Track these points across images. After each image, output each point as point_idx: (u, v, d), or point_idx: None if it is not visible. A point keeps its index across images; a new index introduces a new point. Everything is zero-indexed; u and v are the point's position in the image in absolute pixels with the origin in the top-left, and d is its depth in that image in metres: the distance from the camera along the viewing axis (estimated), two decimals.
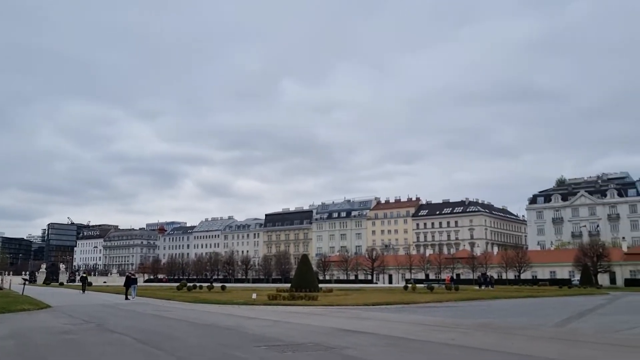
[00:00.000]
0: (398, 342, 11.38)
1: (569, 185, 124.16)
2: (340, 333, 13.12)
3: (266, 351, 9.93)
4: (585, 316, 19.80)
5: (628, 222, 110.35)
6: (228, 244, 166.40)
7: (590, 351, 10.19)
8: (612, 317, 19.82)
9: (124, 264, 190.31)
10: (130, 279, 34.33)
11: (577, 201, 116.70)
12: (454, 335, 12.78)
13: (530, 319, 18.55)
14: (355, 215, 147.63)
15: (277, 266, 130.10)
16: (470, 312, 22.48)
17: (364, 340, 11.59)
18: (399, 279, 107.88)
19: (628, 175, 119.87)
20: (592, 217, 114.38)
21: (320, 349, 10.29)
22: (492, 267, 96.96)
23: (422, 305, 26.69)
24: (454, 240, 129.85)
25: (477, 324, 16.32)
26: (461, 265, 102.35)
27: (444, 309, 24.02)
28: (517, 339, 12.38)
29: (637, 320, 17.77)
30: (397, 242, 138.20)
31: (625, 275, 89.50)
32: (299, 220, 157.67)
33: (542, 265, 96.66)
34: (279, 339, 11.74)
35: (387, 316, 19.54)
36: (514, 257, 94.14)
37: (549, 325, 15.92)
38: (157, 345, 10.90)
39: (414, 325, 15.93)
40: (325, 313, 20.84)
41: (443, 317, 19.46)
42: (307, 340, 11.61)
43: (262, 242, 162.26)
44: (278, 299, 28.84)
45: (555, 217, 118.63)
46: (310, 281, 37.37)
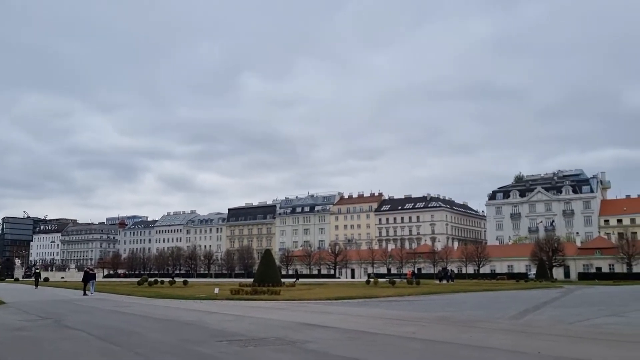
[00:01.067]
0: (359, 336, 11.52)
1: (527, 182, 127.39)
2: (302, 327, 13.19)
3: (228, 346, 9.91)
4: (540, 309, 20.41)
5: (582, 218, 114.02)
6: (190, 238, 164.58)
7: (543, 342, 10.53)
8: (565, 309, 20.49)
9: (82, 258, 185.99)
10: (89, 274, 33.61)
11: (534, 197, 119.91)
12: (414, 328, 13.01)
13: (488, 312, 19.02)
14: (318, 210, 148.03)
15: (240, 261, 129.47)
16: (431, 305, 22.88)
17: (326, 334, 11.69)
18: (361, 274, 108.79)
19: (582, 173, 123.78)
20: (548, 212, 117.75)
21: (282, 343, 10.33)
22: (452, 261, 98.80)
23: (384, 300, 27.01)
24: (415, 235, 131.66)
25: (437, 317, 16.64)
26: (422, 260, 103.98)
27: (405, 303, 24.37)
28: (475, 331, 12.68)
29: (589, 313, 18.43)
30: (359, 237, 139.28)
31: (578, 269, 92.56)
32: (262, 214, 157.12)
33: (500, 260, 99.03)
34: (240, 334, 11.73)
35: (349, 310, 19.72)
36: (473, 252, 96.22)
37: (505, 318, 16.35)
38: (116, 342, 10.74)
39: (375, 319, 16.14)
40: (287, 307, 20.88)
41: (404, 311, 19.75)
42: (269, 334, 11.63)
43: (225, 236, 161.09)
44: (241, 293, 28.77)
45: (513, 213, 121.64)
46: (273, 276, 37.34)
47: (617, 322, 15.17)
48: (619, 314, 17.94)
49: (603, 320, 15.49)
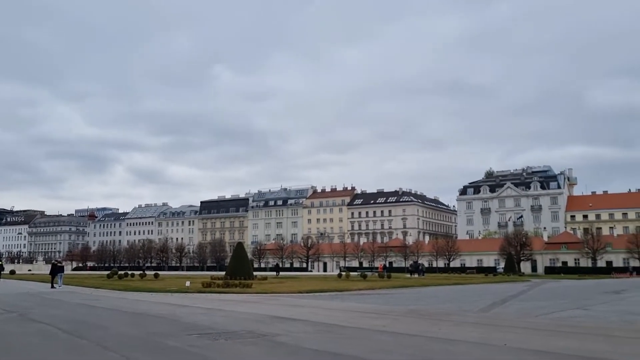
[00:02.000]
0: (330, 329, 11.59)
1: (497, 178, 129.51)
2: (273, 320, 13.21)
3: (198, 339, 9.87)
4: (508, 302, 20.81)
5: (549, 213, 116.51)
6: (162, 230, 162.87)
7: (510, 335, 10.76)
8: (531, 302, 20.94)
9: (50, 251, 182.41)
10: (57, 267, 33.01)
11: (503, 193, 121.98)
12: (385, 321, 13.14)
13: (458, 305, 19.31)
14: (291, 203, 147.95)
15: (212, 254, 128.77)
16: (402, 299, 23.12)
17: (297, 327, 11.73)
18: (333, 267, 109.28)
19: (550, 169, 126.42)
20: (517, 208, 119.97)
21: (253, 336, 10.34)
22: (423, 255, 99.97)
23: (355, 293, 27.19)
24: (387, 229, 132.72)
25: (408, 310, 16.83)
26: (394, 254, 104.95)
27: (376, 297, 24.58)
28: (444, 324, 12.87)
29: (554, 306, 18.87)
30: (332, 230, 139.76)
31: (545, 263, 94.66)
32: (235, 207, 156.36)
33: (470, 254, 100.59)
34: (211, 327, 11.68)
35: (321, 303, 19.80)
36: (444, 246, 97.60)
37: (474, 311, 16.63)
38: (83, 335, 10.58)
39: (346, 312, 16.25)
40: (259, 300, 20.87)
41: (375, 304, 19.92)
42: (240, 327, 11.62)
43: (197, 229, 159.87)
44: (212, 286, 28.65)
45: (483, 208, 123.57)
46: (245, 269, 37.26)
47: (582, 315, 15.57)
48: (583, 307, 18.40)
49: (568, 314, 15.88)
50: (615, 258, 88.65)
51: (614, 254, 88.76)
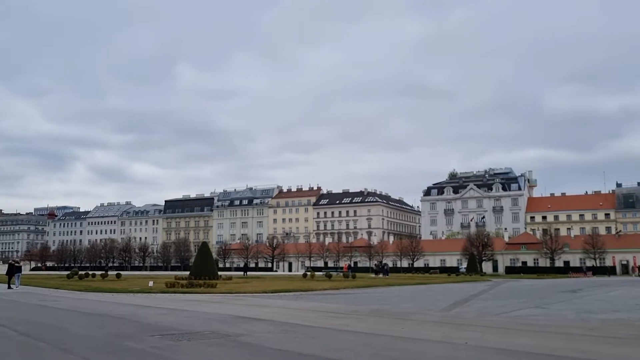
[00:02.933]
0: (294, 329, 11.60)
1: (460, 179, 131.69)
2: (237, 320, 13.15)
3: (160, 340, 9.75)
4: (469, 301, 21.20)
5: (510, 214, 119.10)
6: (125, 230, 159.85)
7: (471, 333, 10.97)
8: (492, 302, 21.38)
9: (8, 250, 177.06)
10: (14, 267, 32.08)
11: (466, 194, 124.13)
12: (348, 321, 13.23)
13: (421, 305, 19.58)
14: (257, 203, 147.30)
15: (176, 253, 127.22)
16: (366, 299, 23.30)
17: (261, 328, 11.71)
18: (298, 267, 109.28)
19: (511, 171, 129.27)
20: (480, 209, 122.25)
21: (217, 336, 10.27)
22: (387, 255, 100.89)
23: (320, 293, 27.28)
24: (352, 229, 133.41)
25: (372, 310, 16.97)
26: (359, 254, 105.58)
27: (341, 296, 24.71)
28: (408, 323, 13.04)
29: (514, 305, 19.32)
30: (297, 230, 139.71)
31: (506, 263, 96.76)
32: (200, 207, 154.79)
33: (433, 254, 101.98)
34: (174, 328, 11.56)
35: (285, 303, 19.80)
36: (408, 246, 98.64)
37: (436, 311, 16.89)
38: (41, 337, 10.32)
39: (310, 312, 16.29)
40: (223, 301, 20.74)
41: (339, 304, 20.02)
42: (204, 328, 11.53)
43: (161, 228, 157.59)
44: (176, 286, 28.35)
45: (447, 209, 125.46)
46: (210, 269, 36.97)
47: (540, 313, 15.98)
48: (541, 306, 18.89)
49: (527, 312, 16.28)
50: (573, 258, 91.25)
51: (571, 254, 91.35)
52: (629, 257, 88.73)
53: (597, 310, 16.92)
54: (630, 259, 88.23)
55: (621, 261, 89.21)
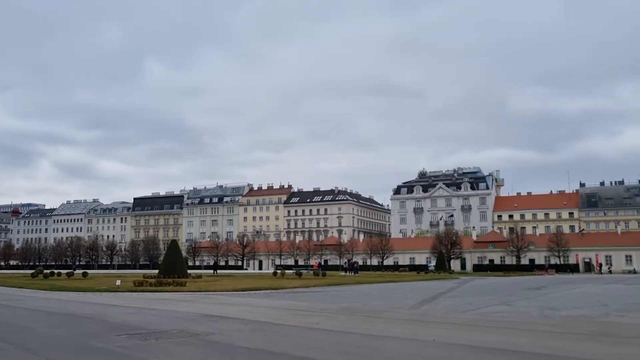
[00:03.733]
0: (263, 327, 11.58)
1: (429, 178, 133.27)
2: (206, 319, 13.05)
3: (127, 339, 9.61)
4: (437, 299, 21.47)
5: (478, 213, 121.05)
6: (92, 228, 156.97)
7: (439, 330, 11.13)
8: (460, 299, 21.69)
9: None
10: None
11: (435, 193, 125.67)
12: (318, 319, 13.26)
13: (390, 303, 19.74)
14: (227, 201, 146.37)
15: (145, 252, 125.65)
16: (336, 297, 23.38)
17: (230, 326, 11.65)
18: (269, 265, 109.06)
19: (480, 170, 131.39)
20: (448, 207, 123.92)
21: (185, 335, 10.18)
22: (358, 253, 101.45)
23: (290, 291, 27.26)
24: (323, 227, 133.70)
25: (341, 308, 17.04)
26: (329, 252, 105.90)
27: (311, 294, 24.74)
28: (377, 321, 13.13)
29: (481, 302, 19.64)
30: (268, 228, 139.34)
31: (474, 261, 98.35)
32: (170, 204, 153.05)
33: (403, 252, 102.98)
34: (142, 327, 11.40)
35: (255, 301, 19.74)
36: (378, 244, 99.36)
37: (405, 308, 17.05)
38: (3, 337, 10.06)
39: (280, 310, 16.27)
40: (192, 299, 20.56)
41: (309, 302, 20.05)
42: (172, 327, 11.41)
43: (129, 226, 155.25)
44: (144, 285, 27.97)
45: (416, 207, 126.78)
46: (179, 267, 36.60)
47: (506, 310, 16.28)
48: (507, 303, 19.25)
49: (493, 309, 16.56)
50: (538, 256, 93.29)
51: (537, 252, 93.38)
52: (592, 255, 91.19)
53: (561, 307, 17.32)
54: (592, 257, 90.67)
55: (584, 259, 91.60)
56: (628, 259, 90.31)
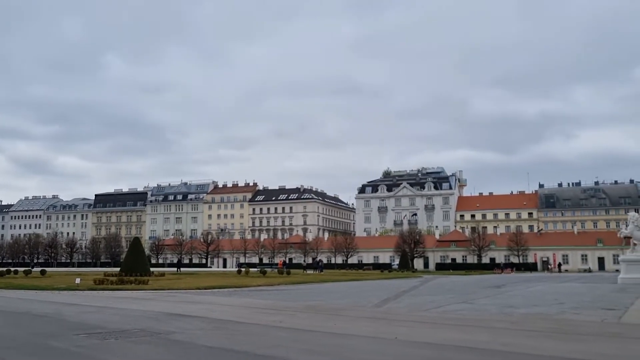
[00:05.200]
0: (226, 325, 11.51)
1: (394, 177, 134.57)
2: (168, 317, 12.89)
3: (86, 339, 9.42)
4: (400, 297, 21.72)
5: (441, 213, 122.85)
6: (52, 225, 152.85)
7: (401, 328, 11.27)
8: (422, 297, 22.00)
9: None
10: None
11: (400, 192, 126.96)
12: (281, 317, 13.26)
13: (354, 301, 19.88)
14: (192, 198, 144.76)
15: (106, 249, 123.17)
16: (300, 295, 23.41)
17: (192, 325, 11.54)
18: (233, 263, 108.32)
19: (443, 170, 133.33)
20: (412, 207, 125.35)
21: (146, 334, 10.03)
22: (322, 252, 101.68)
23: (254, 289, 27.18)
24: (288, 225, 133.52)
25: (305, 306, 17.08)
26: (294, 250, 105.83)
27: (275, 292, 24.72)
28: (340, 319, 13.22)
29: (442, 300, 19.98)
30: (233, 226, 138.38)
31: (436, 260, 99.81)
32: (133, 201, 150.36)
33: (367, 251, 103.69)
34: (101, 326, 11.19)
35: (218, 300, 19.61)
36: (342, 243, 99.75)
37: (369, 306, 17.20)
38: None
39: (243, 308, 16.20)
40: (155, 297, 20.29)
41: (273, 300, 20.03)
42: (133, 326, 11.23)
43: (90, 223, 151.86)
44: (105, 283, 27.49)
45: (380, 206, 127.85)
46: (142, 265, 36.08)
47: (466, 308, 16.60)
48: (467, 301, 19.62)
49: (454, 307, 16.86)
50: (498, 255, 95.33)
51: (497, 252, 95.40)
52: (549, 254, 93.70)
53: (519, 305, 17.74)
54: (550, 256, 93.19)
55: (542, 258, 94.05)
56: (584, 258, 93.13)
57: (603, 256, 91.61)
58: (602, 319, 13.17)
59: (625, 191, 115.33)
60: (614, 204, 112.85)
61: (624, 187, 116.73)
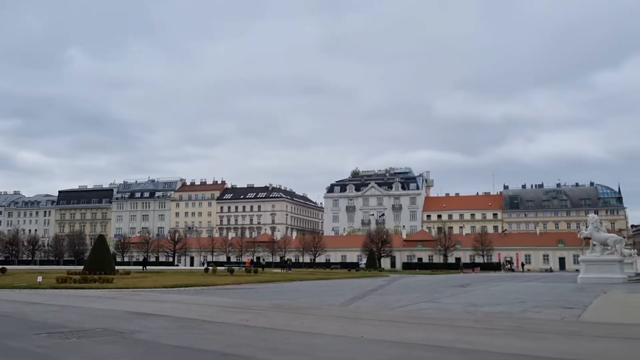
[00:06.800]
0: (192, 324, 11.42)
1: (362, 177, 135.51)
2: (133, 317, 12.71)
3: (47, 339, 9.21)
4: (367, 296, 21.88)
5: (408, 212, 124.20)
6: (13, 221, 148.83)
7: (367, 327, 11.36)
8: (389, 296, 22.21)
9: None
10: None
11: (368, 192, 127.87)
12: (248, 316, 13.21)
13: (321, 300, 19.95)
14: (159, 196, 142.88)
15: (70, 247, 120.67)
16: (267, 293, 23.37)
17: (158, 324, 11.40)
18: (200, 262, 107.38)
19: (410, 171, 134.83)
20: (380, 206, 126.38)
21: (110, 334, 9.87)
22: (290, 251, 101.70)
23: (221, 288, 27.02)
24: (256, 224, 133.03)
25: (272, 305, 17.06)
26: (262, 249, 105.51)
27: (242, 291, 24.62)
28: (307, 318, 13.25)
29: (408, 299, 20.20)
30: (200, 224, 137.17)
31: (403, 259, 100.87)
32: (98, 198, 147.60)
33: (335, 250, 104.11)
34: (63, 325, 10.96)
35: (185, 298, 19.43)
36: (310, 242, 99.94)
37: (336, 305, 17.27)
38: None
39: (210, 307, 16.09)
40: (119, 296, 19.97)
41: (240, 298, 19.94)
42: (96, 325, 11.03)
43: (53, 220, 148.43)
44: (68, 282, 26.91)
45: (349, 206, 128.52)
46: (106, 263, 35.45)
47: (432, 307, 16.83)
48: (433, 300, 19.89)
49: (420, 306, 17.08)
50: (464, 255, 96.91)
51: (462, 251, 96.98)
52: (513, 254, 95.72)
53: (483, 303, 18.07)
54: (513, 256, 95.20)
55: (506, 258, 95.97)
56: (545, 258, 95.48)
57: (564, 256, 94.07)
58: (561, 317, 13.52)
59: (585, 193, 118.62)
60: (575, 205, 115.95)
61: (585, 189, 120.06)
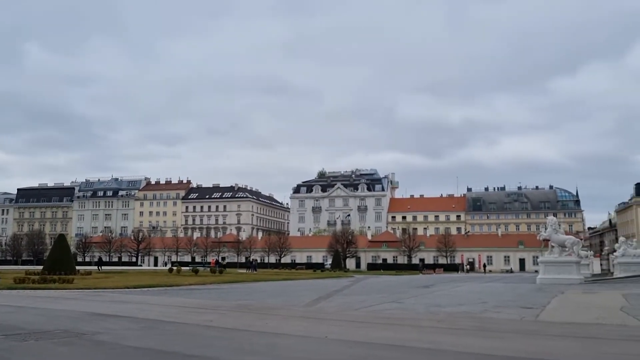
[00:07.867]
0: (154, 325, 11.27)
1: (328, 178, 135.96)
2: (94, 318, 12.47)
3: (3, 341, 8.96)
4: (332, 297, 21.97)
5: (373, 214, 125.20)
6: None
7: (332, 327, 11.41)
8: (353, 297, 22.34)
9: None
10: None
11: (334, 193, 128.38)
12: (212, 316, 13.12)
13: (285, 300, 19.94)
14: (122, 195, 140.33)
15: (29, 246, 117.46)
16: (232, 294, 23.23)
17: (119, 325, 11.22)
18: (164, 262, 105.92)
19: (376, 172, 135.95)
20: (346, 207, 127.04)
21: (70, 335, 9.66)
22: (256, 251, 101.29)
23: (185, 288, 26.74)
24: (222, 224, 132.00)
25: (236, 305, 16.97)
26: (227, 249, 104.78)
27: (207, 291, 24.42)
28: (272, 318, 13.23)
29: (373, 300, 20.36)
30: (165, 224, 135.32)
31: (368, 260, 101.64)
32: (59, 197, 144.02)
33: (301, 250, 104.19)
34: (21, 327, 10.67)
35: (148, 299, 19.16)
36: (276, 242, 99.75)
37: (300, 306, 17.29)
38: None
39: (173, 307, 15.90)
40: (80, 297, 19.55)
41: (204, 299, 19.77)
42: (55, 326, 10.78)
43: (12, 219, 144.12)
44: (26, 282, 26.21)
45: (315, 206, 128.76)
46: (67, 263, 34.66)
47: (396, 307, 17.01)
48: (397, 300, 20.10)
49: (384, 307, 17.23)
50: (427, 256, 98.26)
51: (426, 252, 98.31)
52: (475, 255, 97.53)
53: (445, 304, 18.36)
54: (476, 257, 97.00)
55: (468, 259, 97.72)
56: (506, 259, 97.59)
57: (524, 257, 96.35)
58: (521, 317, 13.84)
59: (545, 196, 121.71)
60: (535, 208, 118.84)
61: (544, 193, 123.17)
